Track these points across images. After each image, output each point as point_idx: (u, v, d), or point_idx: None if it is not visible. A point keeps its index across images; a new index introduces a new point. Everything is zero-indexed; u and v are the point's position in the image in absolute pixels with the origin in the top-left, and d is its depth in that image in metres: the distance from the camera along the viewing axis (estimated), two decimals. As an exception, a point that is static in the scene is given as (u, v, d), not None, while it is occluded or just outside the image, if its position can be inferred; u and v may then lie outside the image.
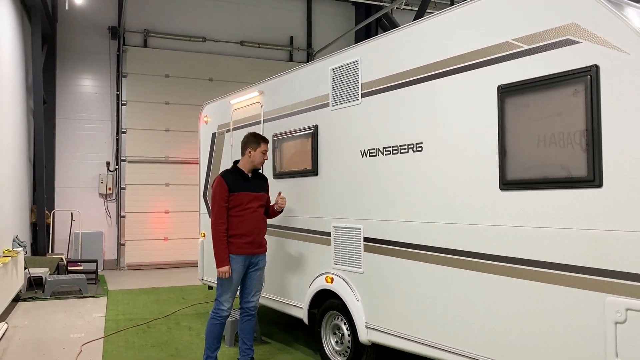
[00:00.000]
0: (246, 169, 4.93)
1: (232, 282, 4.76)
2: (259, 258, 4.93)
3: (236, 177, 4.86)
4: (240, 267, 4.78)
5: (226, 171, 4.98)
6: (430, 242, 3.97)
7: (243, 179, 4.87)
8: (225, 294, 4.77)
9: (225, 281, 4.74)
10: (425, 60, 4.06)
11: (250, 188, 4.87)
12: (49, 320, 7.06)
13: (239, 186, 4.80)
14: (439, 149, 3.94)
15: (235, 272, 4.75)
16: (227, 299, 4.78)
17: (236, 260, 4.74)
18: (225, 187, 4.75)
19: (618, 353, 2.86)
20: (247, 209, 4.78)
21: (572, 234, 3.07)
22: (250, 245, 4.80)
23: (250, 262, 4.86)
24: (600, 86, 2.97)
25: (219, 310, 4.78)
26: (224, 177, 4.82)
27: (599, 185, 2.96)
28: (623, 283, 2.85)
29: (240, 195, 4.77)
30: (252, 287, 4.94)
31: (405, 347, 4.19)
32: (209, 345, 4.82)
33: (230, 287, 4.78)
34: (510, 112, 3.43)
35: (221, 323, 4.81)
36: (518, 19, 3.41)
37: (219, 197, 4.74)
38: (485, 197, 3.57)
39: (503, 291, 3.44)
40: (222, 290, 4.78)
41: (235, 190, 4.77)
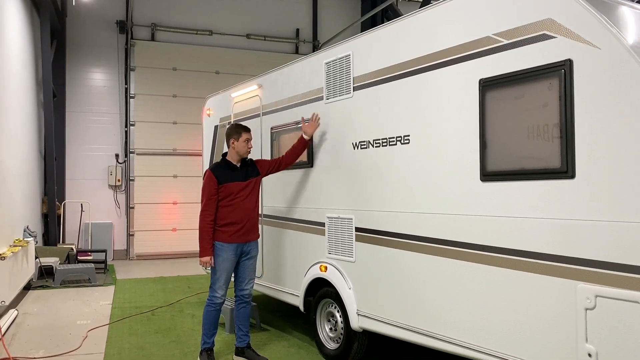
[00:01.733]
0: (234, 160, 5.02)
1: (225, 270, 4.88)
2: (251, 246, 5.03)
3: (225, 169, 4.97)
4: (232, 255, 4.89)
5: (215, 164, 5.12)
6: (416, 232, 4.09)
7: (231, 170, 4.98)
8: (219, 281, 4.89)
9: (218, 269, 4.86)
10: (410, 55, 4.16)
11: (239, 178, 4.96)
12: (57, 308, 7.30)
13: (227, 177, 4.90)
14: (424, 141, 4.05)
15: (227, 261, 4.87)
16: (221, 287, 4.90)
17: (228, 248, 4.86)
18: (214, 180, 4.87)
19: (588, 338, 2.96)
20: (237, 198, 4.90)
21: (547, 224, 3.17)
22: (240, 233, 4.91)
23: (242, 250, 4.96)
24: (574, 80, 3.05)
25: (213, 297, 4.92)
26: (213, 171, 4.95)
27: (571, 176, 3.05)
28: (593, 271, 2.95)
29: (230, 186, 4.88)
30: (246, 275, 5.05)
31: (393, 333, 4.32)
32: (206, 331, 4.97)
33: (223, 275, 4.89)
34: (491, 105, 3.53)
35: (216, 310, 4.95)
36: (498, 14, 3.49)
37: (208, 189, 4.87)
38: (467, 188, 3.68)
39: (483, 279, 3.55)
40: (215, 278, 4.90)
41: (224, 182, 4.88)
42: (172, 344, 5.65)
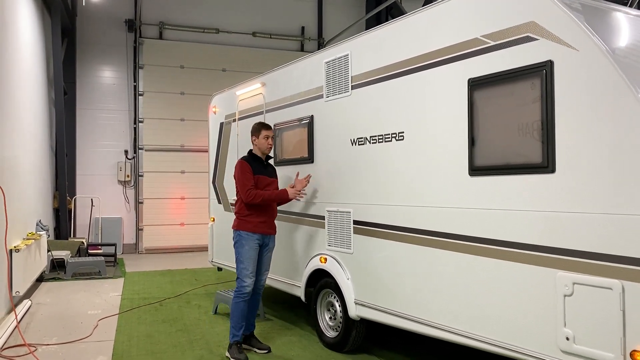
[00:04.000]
0: (260, 156, 5.23)
1: (251, 258, 4.98)
2: (270, 239, 5.20)
3: (256, 162, 5.17)
4: (257, 244, 5.02)
5: (247, 156, 5.25)
6: (409, 224, 4.28)
7: (261, 164, 5.19)
8: (246, 270, 4.95)
9: (244, 258, 4.95)
10: (405, 55, 4.35)
11: (267, 173, 5.22)
12: (69, 299, 7.57)
13: (258, 170, 5.12)
14: (417, 138, 4.24)
15: (253, 249, 5.00)
16: (248, 275, 4.95)
17: (252, 237, 5.00)
18: (249, 168, 5.05)
19: (566, 323, 3.16)
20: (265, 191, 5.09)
21: (530, 216, 3.36)
22: (264, 225, 5.08)
23: (264, 242, 5.12)
24: (554, 80, 3.23)
25: (241, 287, 4.95)
26: (247, 160, 5.13)
27: (552, 171, 3.24)
28: (571, 260, 3.14)
29: (260, 178, 5.08)
30: (263, 268, 5.19)
31: (389, 321, 4.52)
32: (235, 324, 4.97)
33: (250, 264, 4.97)
34: (479, 103, 3.71)
35: (244, 300, 4.96)
36: (486, 16, 3.68)
37: (247, 177, 5.00)
38: (457, 182, 3.87)
39: (472, 269, 3.74)
40: (242, 267, 4.96)
41: (257, 173, 5.07)
42: (178, 332, 5.89)
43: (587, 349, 3.05)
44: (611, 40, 3.27)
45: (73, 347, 5.34)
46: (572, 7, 3.27)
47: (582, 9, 3.41)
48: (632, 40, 3.45)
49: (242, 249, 4.99)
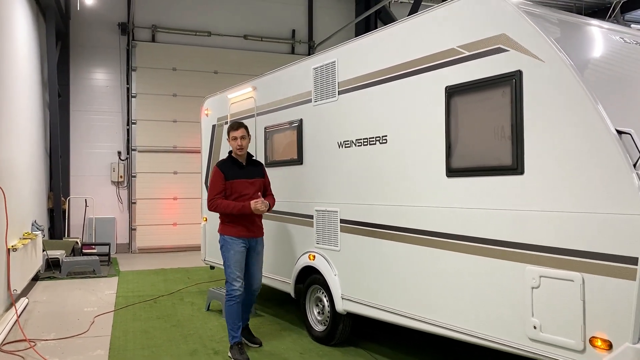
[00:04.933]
0: (238, 157, 5.19)
1: (237, 261, 4.99)
2: (257, 241, 5.20)
3: (231, 165, 5.14)
4: (242, 247, 5.04)
5: (222, 160, 5.29)
6: (391, 222, 4.54)
7: (238, 167, 5.14)
8: (233, 273, 4.98)
9: (230, 263, 4.99)
10: (387, 63, 4.60)
11: (245, 175, 5.13)
12: (65, 297, 7.76)
13: (234, 174, 5.07)
14: (399, 141, 4.50)
15: (238, 253, 5.01)
16: (236, 279, 4.98)
17: (236, 241, 5.02)
18: (221, 175, 5.04)
19: (534, 313, 3.42)
20: (244, 196, 5.03)
21: (501, 214, 3.62)
22: (247, 230, 5.07)
23: (250, 245, 5.12)
24: (523, 89, 3.50)
25: (231, 290, 4.99)
26: (220, 167, 5.13)
27: (521, 172, 3.50)
28: (538, 254, 3.40)
29: (236, 183, 5.03)
30: (255, 270, 5.22)
31: (373, 315, 4.78)
32: (231, 326, 5.02)
33: (237, 267, 4.99)
34: (455, 109, 3.97)
35: (237, 302, 4.98)
36: (462, 28, 3.93)
37: (217, 184, 5.02)
38: (435, 183, 4.13)
39: (449, 264, 4.00)
40: (230, 271, 5.00)
41: (230, 178, 5.04)
42: (173, 328, 6.11)
43: (552, 336, 3.31)
44: (575, 52, 3.54)
45: (71, 342, 5.55)
46: (539, 20, 3.54)
47: (550, 22, 3.68)
48: (596, 53, 3.73)
49: (227, 253, 5.03)
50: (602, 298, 3.06)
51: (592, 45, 3.79)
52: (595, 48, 3.79)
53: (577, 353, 3.18)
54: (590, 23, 4.04)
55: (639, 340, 2.94)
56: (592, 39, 3.87)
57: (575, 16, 4.10)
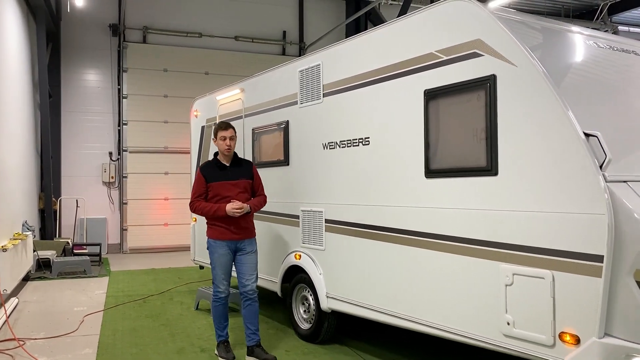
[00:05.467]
0: (222, 159, 5.08)
1: (222, 265, 4.95)
2: (245, 243, 5.01)
3: (213, 167, 5.04)
4: (226, 250, 4.94)
5: (205, 163, 5.22)
6: (373, 222, 4.65)
7: (219, 169, 5.03)
8: (218, 276, 4.95)
9: (215, 265, 4.95)
10: (370, 67, 4.71)
11: (227, 177, 4.99)
12: (55, 297, 7.82)
13: (215, 176, 4.97)
14: (381, 143, 4.61)
15: (223, 256, 4.93)
16: (221, 281, 4.96)
17: (220, 244, 4.93)
18: (202, 179, 4.98)
19: (507, 309, 3.54)
20: (225, 198, 4.90)
21: (476, 214, 3.74)
22: (230, 232, 4.92)
23: (237, 247, 4.99)
24: (497, 92, 3.61)
25: (216, 292, 5.00)
26: (202, 170, 5.05)
27: (495, 173, 3.62)
28: (511, 253, 3.52)
29: (216, 185, 4.93)
30: (245, 271, 4.99)
31: (356, 312, 4.88)
32: (217, 325, 5.06)
33: (221, 270, 4.95)
34: (433, 112, 4.09)
35: (222, 304, 5.00)
36: (440, 33, 4.05)
37: (197, 187, 5.04)
38: (414, 184, 4.24)
39: (428, 262, 4.11)
40: (215, 273, 4.97)
41: (211, 181, 4.95)
42: (161, 326, 6.19)
43: (524, 332, 3.43)
44: (548, 57, 3.66)
45: (60, 341, 5.63)
46: (513, 26, 3.65)
47: (524, 27, 3.80)
48: (568, 57, 3.85)
49: (212, 256, 4.99)
50: (571, 295, 3.18)
51: (565, 50, 3.91)
52: (568, 53, 3.91)
53: (548, 348, 3.30)
54: (565, 28, 4.16)
55: (604, 335, 3.06)
56: (566, 44, 3.99)
57: (551, 21, 4.22)
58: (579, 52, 3.97)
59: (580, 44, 4.07)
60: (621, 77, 4.00)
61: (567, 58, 3.85)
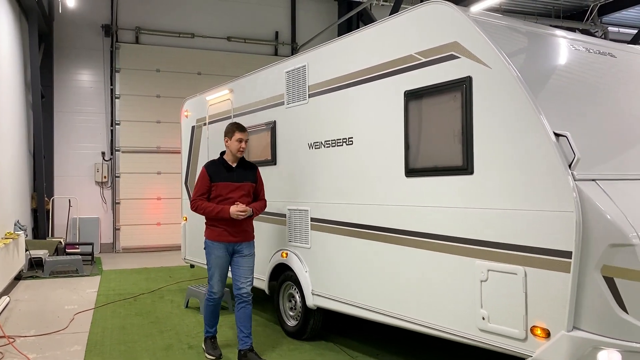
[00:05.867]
0: (229, 159, 5.00)
1: (218, 266, 4.92)
2: (242, 246, 4.98)
3: (219, 167, 4.96)
4: (223, 252, 4.90)
5: (211, 161, 5.11)
6: (356, 220, 4.75)
7: (226, 169, 4.94)
8: (213, 277, 4.92)
9: (211, 266, 4.93)
10: (352, 68, 4.80)
11: (232, 178, 4.92)
12: (46, 295, 7.89)
13: (220, 176, 4.89)
14: (364, 143, 4.70)
15: (219, 258, 4.90)
16: (216, 282, 4.93)
17: (217, 246, 4.89)
18: (207, 178, 4.90)
19: (482, 304, 3.64)
20: (228, 200, 4.85)
21: (454, 212, 3.83)
22: (229, 234, 4.89)
23: (234, 249, 4.96)
24: (473, 94, 3.71)
25: (210, 293, 4.99)
26: (207, 168, 4.96)
27: (471, 172, 3.72)
28: (486, 250, 3.62)
29: (221, 186, 4.87)
30: (241, 274, 4.95)
31: (340, 309, 4.98)
32: (208, 322, 5.13)
33: (217, 272, 4.92)
34: (412, 113, 4.18)
35: (214, 304, 5.04)
36: (419, 35, 4.14)
37: (200, 185, 4.92)
38: (395, 183, 4.34)
39: (408, 259, 4.21)
40: (210, 274, 4.96)
41: (216, 180, 4.88)
42: (150, 324, 6.28)
43: (498, 326, 3.53)
44: (522, 59, 3.76)
45: (50, 338, 5.70)
46: (489, 29, 3.75)
47: (500, 31, 3.90)
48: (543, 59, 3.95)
49: (209, 257, 4.96)
50: (542, 290, 3.29)
51: (540, 53, 4.01)
52: (544, 55, 4.01)
53: (520, 342, 3.40)
54: (542, 31, 4.26)
55: (573, 329, 3.16)
56: (542, 46, 4.09)
57: (529, 24, 4.33)
58: (555, 55, 4.08)
59: (556, 46, 4.17)
60: (595, 79, 4.10)
61: (542, 60, 3.95)
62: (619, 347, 3.09)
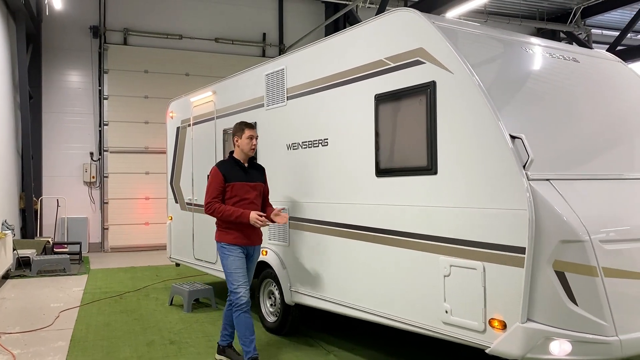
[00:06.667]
0: (241, 159, 4.81)
1: (238, 267, 4.65)
2: (255, 250, 4.87)
3: (233, 167, 4.76)
4: (240, 253, 4.71)
5: (222, 161, 4.94)
6: (331, 219, 4.92)
7: (240, 169, 4.77)
8: (237, 281, 4.62)
9: (231, 269, 4.64)
10: (327, 72, 4.98)
11: (247, 178, 4.77)
12: (33, 294, 8.00)
13: (235, 176, 4.71)
14: (338, 144, 4.88)
15: (238, 259, 4.66)
16: (241, 285, 4.61)
17: (234, 248, 4.68)
18: (220, 177, 4.66)
19: (445, 298, 3.82)
20: (244, 200, 4.70)
21: (420, 210, 4.01)
22: (246, 237, 4.72)
23: (247, 252, 4.78)
24: (437, 97, 3.89)
25: (237, 299, 4.59)
26: (220, 167, 4.73)
27: (435, 173, 3.90)
28: (449, 246, 3.79)
29: (237, 186, 4.68)
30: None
31: (315, 304, 5.15)
32: (244, 338, 4.57)
33: (239, 273, 4.64)
34: (382, 115, 4.36)
35: (245, 312, 4.58)
36: (388, 41, 4.32)
37: (215, 186, 4.66)
38: (366, 182, 4.51)
39: (377, 256, 4.38)
40: (233, 278, 4.63)
41: (232, 180, 4.68)
42: (134, 321, 6.42)
43: (460, 319, 3.71)
44: (483, 64, 3.94)
45: (35, 334, 5.83)
46: (453, 36, 3.93)
47: (464, 37, 4.08)
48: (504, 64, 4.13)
49: (227, 260, 4.68)
50: (498, 284, 3.47)
51: (503, 58, 4.19)
52: (506, 60, 4.19)
53: (479, 333, 3.59)
54: (506, 37, 4.45)
55: (527, 320, 3.34)
56: (505, 52, 4.28)
57: (495, 31, 4.51)
58: (517, 60, 4.26)
59: (519, 52, 4.36)
60: (556, 84, 4.29)
61: (504, 66, 4.13)
62: (569, 338, 3.27)
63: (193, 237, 7.57)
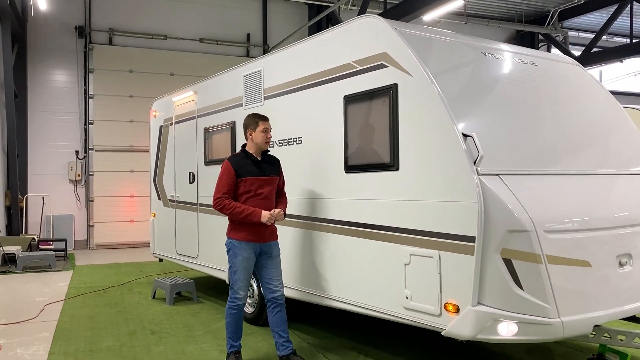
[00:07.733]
0: (254, 152, 4.65)
1: (245, 269, 4.55)
2: (271, 246, 4.66)
3: (245, 161, 4.59)
4: (251, 253, 4.56)
5: (234, 155, 4.74)
6: (304, 213, 5.19)
7: (253, 163, 4.60)
8: (239, 281, 4.54)
9: (237, 269, 4.54)
10: (301, 74, 5.25)
11: (260, 172, 4.60)
12: (19, 289, 8.19)
13: (248, 171, 4.54)
14: (310, 142, 5.15)
15: (245, 260, 4.53)
16: (241, 287, 4.55)
17: (246, 246, 4.53)
18: (232, 172, 4.51)
19: (406, 285, 4.10)
20: (258, 196, 4.54)
21: (384, 204, 4.30)
22: (258, 234, 4.55)
23: (262, 249, 4.61)
24: (398, 99, 4.17)
25: (235, 299, 4.56)
26: (232, 162, 4.56)
27: (397, 168, 4.18)
28: (409, 237, 4.08)
29: (250, 181, 4.52)
30: (273, 276, 4.66)
31: (290, 295, 5.40)
32: (231, 334, 4.64)
33: (243, 274, 4.55)
34: (350, 115, 4.64)
35: (238, 312, 4.59)
36: (355, 45, 4.60)
37: (226, 181, 4.52)
38: (336, 178, 4.79)
39: (346, 247, 4.67)
40: (236, 278, 4.55)
41: (244, 176, 4.52)
42: (117, 313, 6.64)
43: (419, 304, 4.00)
44: (441, 68, 4.23)
45: (20, 326, 6.04)
46: (414, 41, 4.22)
47: (424, 42, 4.37)
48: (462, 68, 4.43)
49: (235, 258, 4.55)
50: (452, 270, 3.76)
51: (461, 61, 4.49)
52: (464, 63, 4.49)
53: (436, 317, 3.88)
54: (466, 42, 4.74)
55: (477, 304, 3.64)
56: (464, 55, 4.57)
57: (455, 35, 4.80)
58: (475, 63, 4.56)
59: (479, 55, 4.65)
60: (512, 85, 4.60)
61: (462, 68, 4.43)
62: (516, 320, 3.57)
63: (175, 233, 7.80)
